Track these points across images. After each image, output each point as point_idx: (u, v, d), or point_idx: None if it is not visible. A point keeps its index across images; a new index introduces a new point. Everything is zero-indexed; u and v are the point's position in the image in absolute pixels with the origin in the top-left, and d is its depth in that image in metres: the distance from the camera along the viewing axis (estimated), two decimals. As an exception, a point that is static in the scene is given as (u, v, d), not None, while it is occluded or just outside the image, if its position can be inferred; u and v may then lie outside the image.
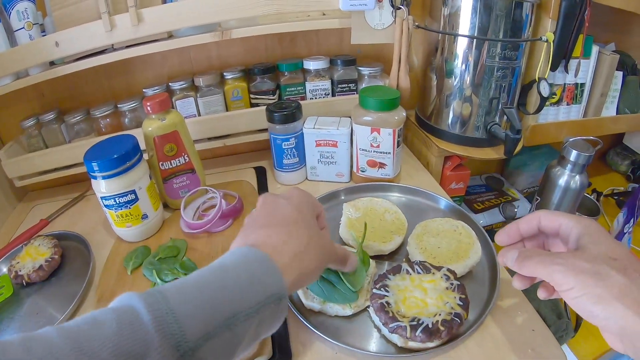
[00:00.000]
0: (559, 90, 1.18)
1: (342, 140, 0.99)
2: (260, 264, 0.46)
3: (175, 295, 0.41)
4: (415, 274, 0.68)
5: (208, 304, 0.41)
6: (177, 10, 0.91)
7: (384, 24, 0.98)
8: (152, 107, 0.87)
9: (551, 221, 0.56)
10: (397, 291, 0.66)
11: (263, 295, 0.44)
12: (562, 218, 0.55)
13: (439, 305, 0.63)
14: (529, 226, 0.59)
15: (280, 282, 0.45)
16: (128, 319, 0.37)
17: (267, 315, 0.44)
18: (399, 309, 0.64)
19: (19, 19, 0.93)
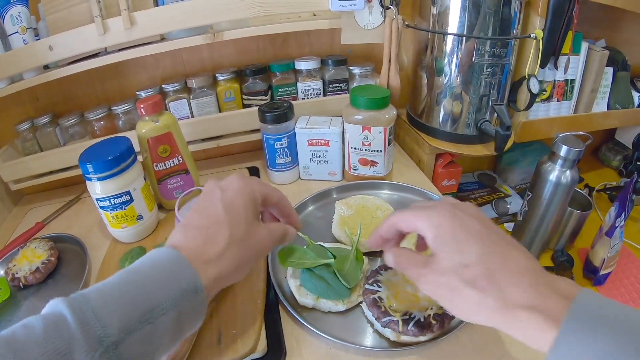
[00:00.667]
0: (549, 86, 1.19)
1: (333, 139, 1.00)
2: (175, 262, 0.47)
3: (96, 295, 0.43)
4: None
5: (127, 300, 0.43)
6: (169, 13, 0.91)
7: (374, 24, 0.99)
8: (146, 109, 0.87)
9: (407, 225, 0.55)
10: (389, 286, 0.67)
11: (178, 289, 0.46)
12: (416, 220, 0.54)
13: (430, 299, 0.64)
14: (389, 232, 0.58)
15: (194, 277, 0.47)
16: (54, 321, 0.40)
17: (185, 307, 0.46)
18: (391, 303, 0.64)
19: (13, 23, 0.93)
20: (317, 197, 0.98)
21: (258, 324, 0.68)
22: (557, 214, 1.07)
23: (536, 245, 1.15)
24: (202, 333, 0.67)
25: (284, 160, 1.04)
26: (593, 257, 1.14)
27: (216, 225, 0.52)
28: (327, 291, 0.69)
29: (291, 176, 1.08)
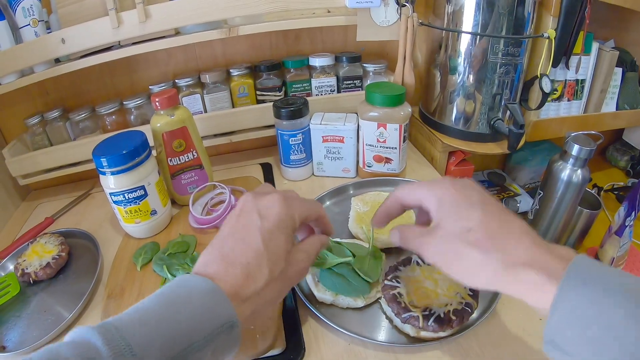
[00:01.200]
0: (560, 86, 1.19)
1: (348, 135, 0.99)
2: (213, 297, 0.46)
3: (131, 330, 0.41)
4: (425, 265, 0.69)
5: (164, 337, 0.42)
6: (184, 7, 0.91)
7: (389, 21, 0.99)
8: (161, 103, 0.87)
9: (411, 199, 0.58)
10: (408, 282, 0.67)
11: (216, 325, 0.44)
12: (419, 192, 0.56)
13: (450, 295, 0.64)
14: (392, 208, 0.61)
15: (232, 312, 0.46)
16: (88, 355, 0.38)
17: (220, 343, 0.45)
18: (411, 299, 0.64)
19: (25, 16, 0.93)
20: (333, 193, 0.98)
21: (276, 321, 0.68)
22: (567, 212, 1.08)
23: (546, 243, 1.15)
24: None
25: (298, 157, 1.04)
26: (602, 256, 1.14)
27: (256, 261, 0.50)
28: (347, 288, 0.69)
29: (305, 172, 1.08)
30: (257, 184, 1.06)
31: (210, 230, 0.91)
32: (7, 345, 0.72)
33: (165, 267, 0.78)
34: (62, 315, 0.76)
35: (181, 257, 0.82)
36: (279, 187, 1.06)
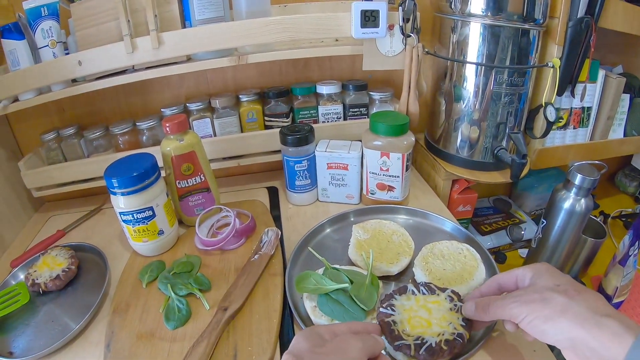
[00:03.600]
0: (566, 114, 1.19)
1: (352, 163, 1.01)
2: None
3: None
4: (420, 295, 0.70)
5: None
6: (196, 35, 0.93)
7: (395, 51, 1.01)
8: (171, 128, 0.90)
9: (508, 277, 0.64)
10: (402, 310, 0.68)
11: None
12: (518, 271, 0.63)
13: (443, 325, 0.65)
14: (489, 290, 0.67)
15: None
16: None
17: None
18: (404, 327, 0.65)
19: (44, 37, 0.96)
20: (334, 220, 0.99)
21: (273, 342, 0.70)
22: (570, 241, 1.08)
23: (549, 272, 1.15)
24: (218, 349, 0.69)
25: (303, 182, 1.06)
26: (606, 285, 1.13)
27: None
28: (343, 314, 0.70)
29: (309, 198, 1.09)
30: (263, 208, 1.08)
31: (214, 252, 0.93)
32: (15, 351, 0.74)
33: (169, 286, 0.80)
34: (69, 326, 0.78)
35: (185, 276, 0.84)
36: (284, 212, 1.09)
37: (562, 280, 0.57)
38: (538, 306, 0.54)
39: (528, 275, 0.61)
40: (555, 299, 0.53)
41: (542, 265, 0.61)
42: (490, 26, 0.97)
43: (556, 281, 0.57)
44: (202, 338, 0.69)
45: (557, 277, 0.58)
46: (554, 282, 0.57)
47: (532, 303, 0.55)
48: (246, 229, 0.95)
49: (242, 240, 0.95)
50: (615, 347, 0.47)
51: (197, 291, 0.80)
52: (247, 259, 0.88)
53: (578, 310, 0.51)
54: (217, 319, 0.73)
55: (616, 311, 0.51)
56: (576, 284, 0.56)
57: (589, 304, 0.52)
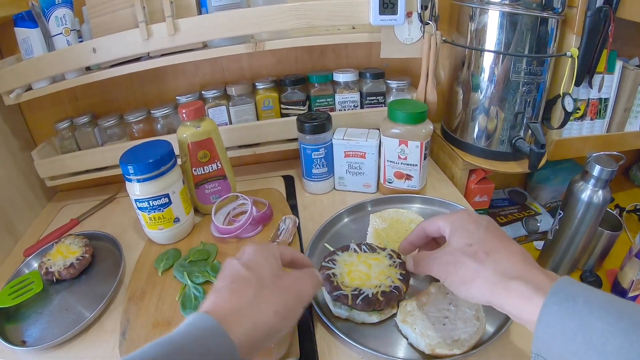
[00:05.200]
0: (583, 105, 1.18)
1: (370, 151, 1.00)
2: (212, 335, 0.46)
3: None
4: (362, 252, 0.76)
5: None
6: (212, 21, 0.93)
7: (413, 39, 1.00)
8: (188, 114, 0.89)
9: (432, 228, 0.66)
10: (343, 265, 0.74)
11: None
12: (439, 221, 0.65)
13: (381, 279, 0.70)
14: (419, 237, 0.70)
15: (233, 350, 0.46)
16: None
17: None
18: (343, 280, 0.71)
19: (57, 25, 0.96)
20: (352, 210, 0.98)
21: (292, 332, 0.69)
22: (587, 233, 1.07)
23: (565, 264, 1.15)
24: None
25: (320, 171, 1.05)
26: (622, 278, 1.12)
27: (239, 279, 0.53)
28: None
29: (326, 186, 1.09)
30: (280, 196, 1.07)
31: (231, 240, 0.92)
32: (28, 340, 0.74)
33: (185, 274, 0.80)
34: (83, 314, 0.78)
35: (202, 264, 0.83)
36: (301, 200, 1.08)
37: (474, 238, 0.58)
38: (452, 270, 0.57)
39: (447, 229, 0.63)
40: (465, 264, 0.55)
41: (458, 217, 0.63)
42: (508, 14, 0.96)
43: (468, 240, 0.58)
44: (220, 326, 0.68)
45: (470, 233, 0.59)
46: (466, 241, 0.58)
47: (448, 266, 0.58)
48: (263, 217, 0.95)
49: (259, 228, 0.94)
50: (526, 309, 0.48)
51: (214, 279, 0.79)
52: (264, 247, 0.87)
53: (486, 275, 0.53)
54: (234, 307, 0.72)
55: (527, 268, 0.52)
56: (487, 242, 0.57)
57: (497, 267, 0.53)
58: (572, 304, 0.44)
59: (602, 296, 0.45)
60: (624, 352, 0.40)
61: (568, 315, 0.44)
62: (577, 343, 0.42)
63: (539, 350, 0.46)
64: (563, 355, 0.44)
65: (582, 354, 0.42)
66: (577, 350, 0.42)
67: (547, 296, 0.46)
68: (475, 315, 0.66)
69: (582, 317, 0.43)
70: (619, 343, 0.40)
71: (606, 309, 0.43)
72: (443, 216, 0.65)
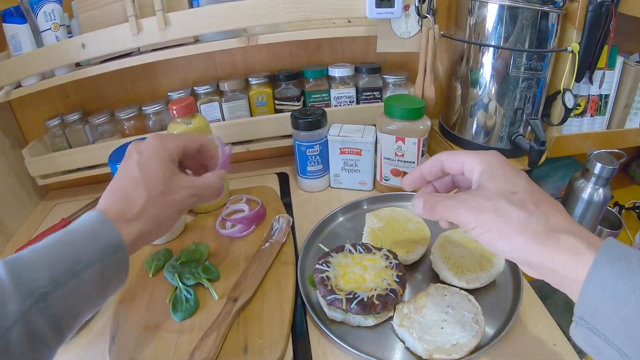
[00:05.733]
0: (583, 101, 1.16)
1: (366, 148, 0.99)
2: (97, 222, 0.52)
3: (27, 253, 0.48)
4: (357, 253, 0.74)
5: (54, 256, 0.48)
6: (203, 15, 0.91)
7: (410, 33, 0.98)
8: (178, 111, 0.87)
9: (454, 162, 0.57)
10: (337, 267, 0.72)
11: (100, 245, 0.50)
12: (465, 156, 0.55)
13: (377, 281, 0.68)
14: (432, 170, 0.60)
15: (116, 234, 0.52)
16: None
17: (109, 263, 0.51)
18: (338, 283, 0.69)
19: (46, 20, 0.94)
20: (347, 208, 0.97)
21: (285, 335, 0.68)
22: (587, 232, 1.05)
23: (565, 263, 1.13)
24: (228, 342, 0.67)
25: (315, 168, 1.03)
26: (622, 277, 1.11)
27: (133, 187, 0.56)
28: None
29: (321, 184, 1.07)
30: (274, 194, 1.06)
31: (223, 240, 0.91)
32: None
33: (176, 275, 0.78)
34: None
35: (193, 265, 0.81)
36: (295, 198, 1.07)
37: (519, 186, 0.50)
38: (491, 218, 0.49)
39: (477, 169, 0.53)
40: (511, 213, 0.47)
41: (494, 159, 0.53)
42: (508, 7, 0.95)
43: (512, 186, 0.50)
44: (212, 330, 0.67)
45: (512, 180, 0.51)
46: (510, 186, 0.50)
47: (483, 213, 0.49)
48: (256, 216, 0.93)
49: (252, 227, 0.92)
50: (576, 266, 0.43)
51: (206, 281, 0.78)
52: (257, 247, 0.86)
53: (537, 228, 0.46)
54: (226, 310, 0.71)
55: (576, 224, 0.47)
56: (534, 191, 0.50)
57: (548, 220, 0.47)
58: (626, 264, 0.40)
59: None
60: None
61: (621, 276, 0.40)
62: (630, 307, 0.39)
63: (583, 314, 0.42)
64: (611, 320, 0.40)
65: (634, 320, 0.38)
66: (628, 315, 0.39)
67: (599, 253, 0.42)
68: (474, 318, 0.65)
69: (636, 280, 0.39)
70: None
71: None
72: (469, 152, 0.56)
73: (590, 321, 0.41)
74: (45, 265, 0.47)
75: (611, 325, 0.40)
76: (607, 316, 0.40)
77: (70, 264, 0.48)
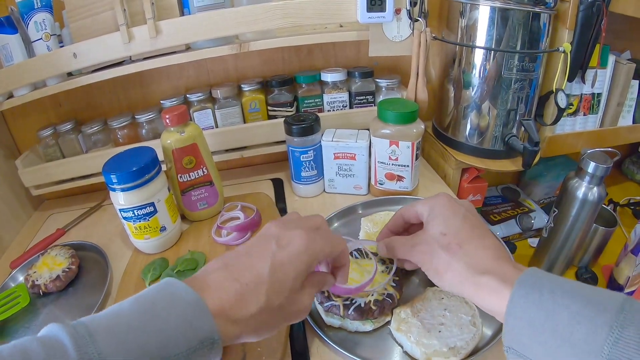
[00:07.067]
0: (576, 100, 1.17)
1: (360, 153, 0.98)
2: (196, 310, 0.43)
3: (103, 334, 0.39)
4: (353, 259, 0.74)
5: (137, 347, 0.39)
6: (195, 22, 0.91)
7: (402, 36, 0.98)
8: (171, 120, 0.87)
9: (411, 212, 0.67)
10: None
11: (195, 340, 0.42)
12: (417, 206, 0.65)
13: (373, 286, 0.68)
14: (397, 224, 0.71)
15: (214, 331, 0.43)
16: (55, 354, 0.37)
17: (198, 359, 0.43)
18: None
19: (37, 30, 0.94)
20: (342, 214, 0.96)
21: (283, 342, 0.67)
22: (582, 231, 1.06)
23: (560, 261, 1.13)
24: (227, 351, 0.65)
25: (309, 173, 1.03)
26: (617, 274, 1.12)
27: (255, 285, 0.48)
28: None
29: (316, 189, 1.06)
30: (268, 200, 1.05)
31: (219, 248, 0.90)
32: (15, 356, 0.72)
33: (173, 285, 0.77)
34: (72, 328, 0.76)
35: (189, 274, 0.81)
36: (290, 204, 1.06)
37: (450, 228, 0.58)
38: (427, 259, 0.59)
39: (424, 214, 0.63)
40: (439, 255, 0.56)
41: (437, 202, 0.63)
42: (500, 9, 0.95)
43: (443, 229, 0.58)
44: (210, 339, 0.66)
45: (446, 221, 0.59)
46: (441, 229, 0.58)
47: (423, 255, 0.59)
48: (251, 223, 0.93)
49: (248, 234, 0.92)
50: (495, 302, 0.48)
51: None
52: (253, 254, 0.85)
53: (458, 268, 0.54)
54: (224, 319, 0.70)
55: (498, 262, 0.52)
56: (464, 232, 0.57)
57: (469, 260, 0.54)
58: (538, 295, 0.45)
59: (568, 285, 0.45)
60: (590, 339, 0.40)
61: (534, 306, 0.44)
62: (546, 333, 0.43)
63: (510, 343, 0.47)
64: (533, 347, 0.45)
65: (551, 344, 0.43)
66: (545, 341, 0.43)
67: (513, 289, 0.46)
68: (472, 321, 0.65)
69: (547, 308, 0.44)
70: (585, 330, 0.41)
71: (572, 297, 0.43)
72: (422, 201, 0.66)
73: (518, 349, 0.46)
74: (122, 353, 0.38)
75: (534, 350, 0.45)
76: (529, 344, 0.45)
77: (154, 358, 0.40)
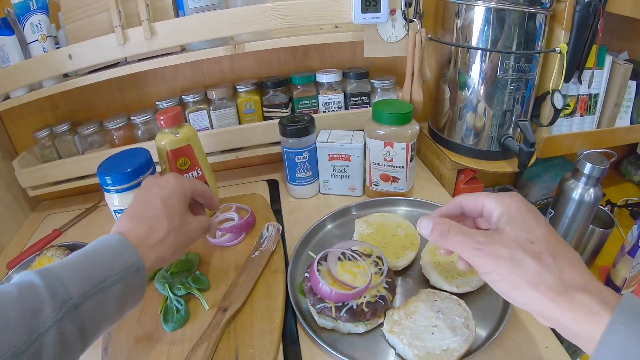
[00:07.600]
0: (573, 101, 1.16)
1: (355, 154, 0.98)
2: (122, 245, 0.57)
3: (60, 267, 0.52)
4: (346, 260, 0.73)
5: (84, 272, 0.52)
6: (190, 24, 0.91)
7: (397, 37, 0.98)
8: (166, 121, 0.87)
9: (473, 204, 0.57)
10: (327, 275, 0.71)
11: (124, 265, 0.54)
12: (484, 198, 0.55)
13: None
14: (451, 212, 0.60)
15: (137, 257, 0.56)
16: (26, 287, 0.48)
17: (130, 283, 0.55)
18: None
19: (33, 31, 0.94)
20: (336, 215, 0.96)
21: (276, 343, 0.68)
22: (579, 232, 1.05)
23: (557, 263, 1.13)
24: (219, 352, 0.67)
25: (304, 174, 1.03)
26: (614, 276, 1.11)
27: (157, 217, 0.62)
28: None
29: (311, 190, 1.07)
30: (263, 202, 1.05)
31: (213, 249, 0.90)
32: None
33: (167, 286, 0.77)
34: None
35: (183, 275, 0.81)
36: (285, 205, 1.07)
37: (537, 234, 0.49)
38: (506, 266, 0.48)
39: (496, 212, 0.53)
40: (526, 264, 0.47)
41: (513, 201, 0.52)
42: (495, 10, 0.95)
43: (530, 235, 0.49)
44: (202, 340, 0.67)
45: (531, 227, 0.50)
46: (527, 236, 0.49)
47: (499, 260, 0.48)
48: (246, 224, 0.92)
49: (242, 236, 0.92)
50: (591, 326, 0.42)
51: (196, 291, 0.78)
52: (247, 255, 0.86)
53: (551, 282, 0.45)
54: (217, 320, 0.70)
55: (593, 280, 0.46)
56: (553, 242, 0.49)
57: (563, 275, 0.46)
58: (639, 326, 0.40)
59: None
60: None
61: (634, 338, 0.39)
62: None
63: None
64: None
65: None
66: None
67: (614, 314, 0.41)
68: (465, 323, 0.65)
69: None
70: None
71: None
72: (490, 195, 0.55)
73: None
74: (76, 279, 0.51)
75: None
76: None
77: (98, 280, 0.52)
